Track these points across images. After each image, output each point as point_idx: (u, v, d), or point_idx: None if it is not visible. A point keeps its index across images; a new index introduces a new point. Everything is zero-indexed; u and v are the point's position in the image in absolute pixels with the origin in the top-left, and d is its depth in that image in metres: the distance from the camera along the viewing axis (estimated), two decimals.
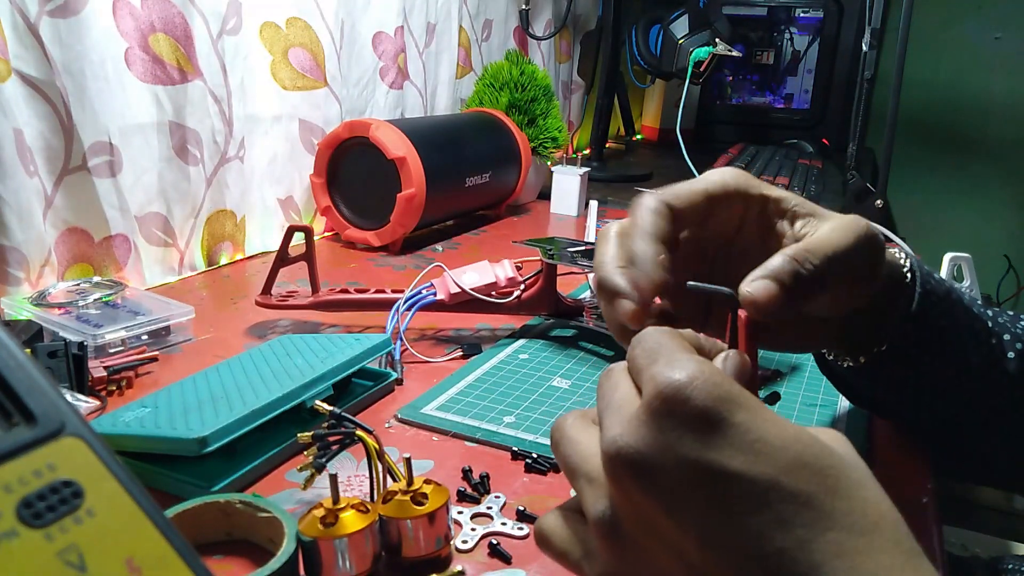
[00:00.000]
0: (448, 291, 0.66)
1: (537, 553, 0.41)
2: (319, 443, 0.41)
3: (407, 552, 0.39)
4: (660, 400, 0.27)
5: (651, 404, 0.27)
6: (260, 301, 0.69)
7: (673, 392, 0.26)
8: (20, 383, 0.25)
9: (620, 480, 0.27)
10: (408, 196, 0.94)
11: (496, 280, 0.67)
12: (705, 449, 0.26)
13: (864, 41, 1.22)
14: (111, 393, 0.57)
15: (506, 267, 0.68)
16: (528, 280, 0.69)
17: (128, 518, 0.24)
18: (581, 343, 0.69)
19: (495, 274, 0.67)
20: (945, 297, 0.46)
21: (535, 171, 1.25)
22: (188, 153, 0.85)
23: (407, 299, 0.66)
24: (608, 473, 0.28)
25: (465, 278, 0.67)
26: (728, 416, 0.26)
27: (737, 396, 0.27)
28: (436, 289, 0.67)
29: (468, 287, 0.66)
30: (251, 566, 0.39)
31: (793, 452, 0.26)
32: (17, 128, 0.68)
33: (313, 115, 1.02)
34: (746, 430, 0.26)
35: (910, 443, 0.55)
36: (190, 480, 0.45)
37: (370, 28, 1.10)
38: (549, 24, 1.56)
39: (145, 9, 0.78)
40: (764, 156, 1.55)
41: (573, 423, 0.32)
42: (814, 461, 0.26)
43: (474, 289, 0.66)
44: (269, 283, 0.69)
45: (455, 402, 0.57)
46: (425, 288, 0.67)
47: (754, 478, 0.25)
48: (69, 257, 0.77)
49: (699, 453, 0.26)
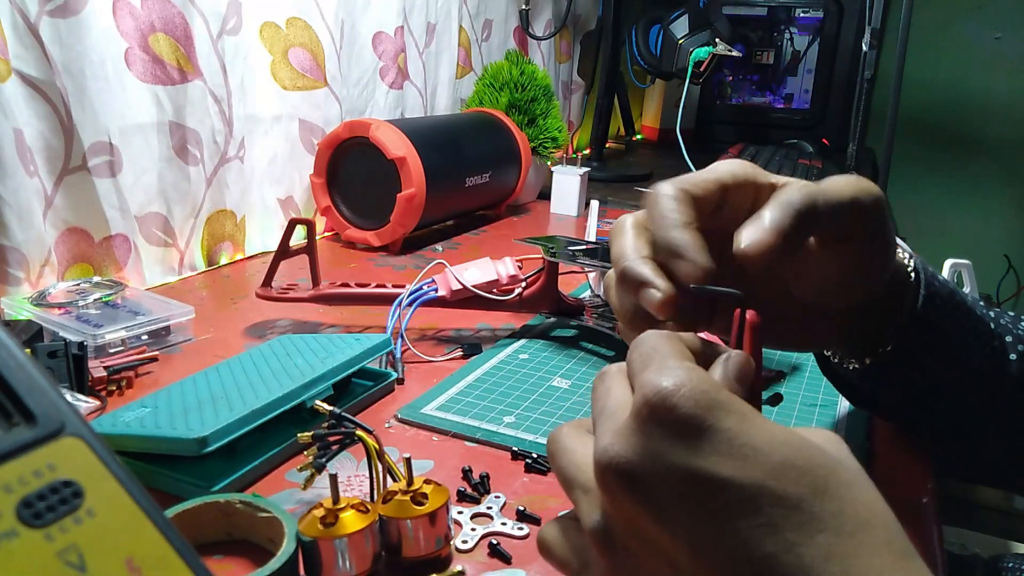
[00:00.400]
0: (449, 287, 0.66)
1: (537, 553, 0.41)
2: (319, 443, 0.41)
3: (407, 552, 0.39)
4: (648, 408, 0.26)
5: (639, 412, 0.27)
6: (260, 293, 0.69)
7: (660, 400, 0.26)
8: (20, 383, 0.25)
9: (611, 490, 0.27)
10: (408, 196, 0.94)
11: (498, 277, 0.67)
12: (692, 456, 0.26)
13: (864, 41, 1.22)
14: (111, 393, 0.57)
15: (508, 264, 0.68)
16: (530, 278, 0.69)
17: (128, 518, 0.24)
18: (582, 343, 0.69)
19: (497, 271, 0.67)
20: (949, 299, 0.46)
21: (535, 171, 1.25)
22: (188, 153, 0.85)
23: (409, 294, 0.66)
24: (600, 483, 0.28)
25: (467, 275, 0.67)
26: (715, 423, 0.26)
27: (725, 402, 0.26)
28: (438, 285, 0.67)
29: (470, 284, 0.66)
30: (251, 566, 0.39)
31: (781, 455, 0.26)
32: (17, 128, 0.68)
33: (313, 115, 1.02)
34: (733, 435, 0.26)
35: (910, 443, 0.55)
36: (190, 480, 0.45)
37: (370, 28, 1.10)
38: (549, 24, 1.56)
39: (145, 9, 0.78)
40: (764, 156, 1.55)
41: (568, 433, 0.31)
42: (803, 463, 0.26)
43: (476, 286, 0.66)
44: (270, 275, 0.69)
45: (455, 402, 0.57)
46: (427, 284, 0.67)
47: (742, 483, 0.25)
48: (69, 257, 0.77)
49: (686, 460, 0.26)
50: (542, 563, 0.40)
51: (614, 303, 0.39)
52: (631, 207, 1.27)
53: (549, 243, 0.71)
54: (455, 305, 0.67)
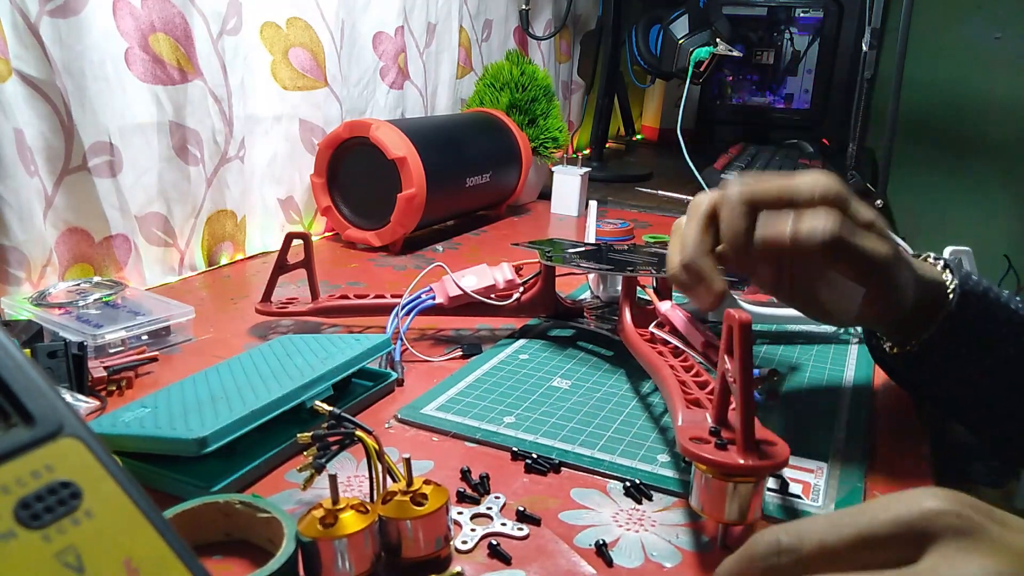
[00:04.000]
0: (447, 294, 0.66)
1: (537, 553, 0.41)
2: (319, 443, 0.41)
3: (407, 553, 0.39)
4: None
5: None
6: (260, 309, 0.70)
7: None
8: (18, 384, 0.25)
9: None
10: (408, 196, 0.94)
11: (495, 283, 0.67)
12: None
13: (864, 41, 1.22)
14: (111, 393, 0.57)
15: (504, 270, 0.68)
16: (527, 282, 0.69)
17: (126, 519, 0.24)
18: (580, 343, 0.69)
19: (494, 277, 0.68)
20: (983, 295, 0.51)
21: (535, 171, 1.25)
22: (188, 153, 0.85)
23: (405, 304, 0.66)
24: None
25: (464, 281, 0.67)
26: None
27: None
28: (435, 293, 0.67)
29: (467, 290, 0.66)
30: (250, 567, 0.39)
31: None
32: (17, 128, 0.68)
33: (313, 115, 1.02)
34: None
35: (910, 443, 0.55)
36: (190, 480, 0.45)
37: (370, 28, 1.10)
38: (549, 24, 1.56)
39: (145, 9, 0.78)
40: (764, 156, 1.55)
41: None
42: None
43: (473, 292, 0.66)
44: (269, 290, 0.70)
45: (455, 402, 0.57)
46: (424, 292, 0.67)
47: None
48: (69, 257, 0.77)
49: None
50: (542, 564, 0.40)
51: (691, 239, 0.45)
52: (631, 207, 1.27)
53: (547, 247, 0.71)
54: (453, 312, 0.67)
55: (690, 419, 0.43)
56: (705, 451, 0.39)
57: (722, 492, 0.39)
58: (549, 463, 0.49)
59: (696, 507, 0.41)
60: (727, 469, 0.38)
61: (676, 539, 0.43)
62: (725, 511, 0.39)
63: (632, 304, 0.62)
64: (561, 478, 0.48)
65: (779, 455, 0.39)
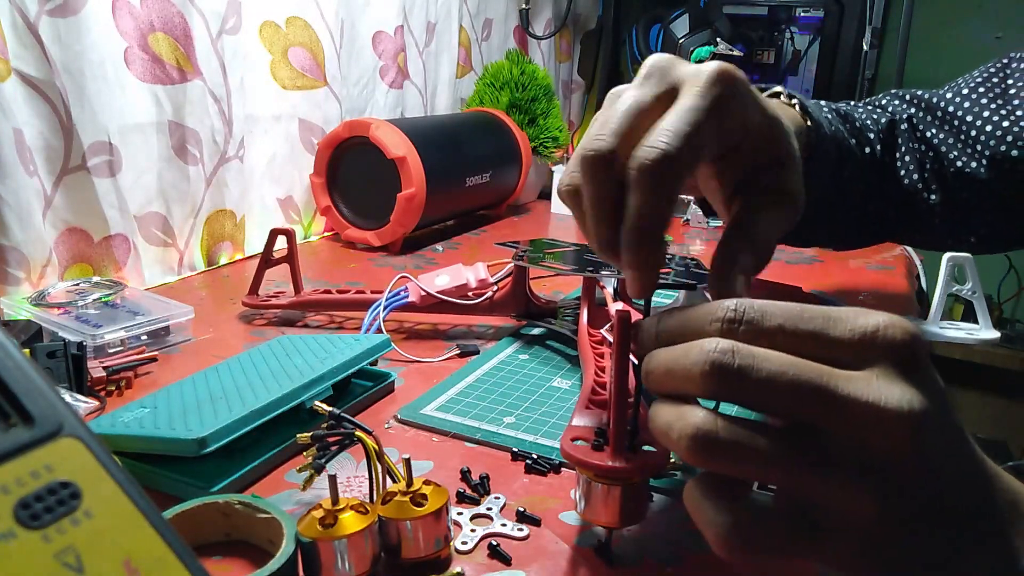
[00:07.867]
0: (419, 293, 0.69)
1: (537, 554, 0.41)
2: (318, 444, 0.41)
3: (406, 553, 0.39)
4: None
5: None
6: (247, 301, 0.74)
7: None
8: (18, 384, 0.25)
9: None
10: (408, 196, 0.94)
11: (467, 282, 0.69)
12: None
13: (864, 41, 1.22)
14: (110, 393, 0.57)
15: (478, 270, 0.70)
16: (500, 282, 0.70)
17: (126, 519, 0.24)
18: (548, 342, 0.70)
19: (466, 277, 0.69)
20: (829, 133, 0.58)
21: (536, 171, 1.25)
22: (188, 153, 0.85)
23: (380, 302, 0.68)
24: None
25: (438, 280, 0.70)
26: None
27: None
28: (409, 292, 0.69)
29: (438, 289, 0.68)
30: (250, 567, 0.39)
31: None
32: (17, 128, 0.68)
33: (313, 115, 1.02)
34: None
35: None
36: (189, 481, 0.45)
37: (370, 27, 1.10)
38: (549, 23, 1.56)
39: (144, 8, 0.78)
40: None
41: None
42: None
43: (445, 291, 0.68)
44: (255, 284, 0.74)
45: (455, 403, 0.57)
46: (403, 290, 0.70)
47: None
48: (68, 257, 0.77)
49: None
50: (542, 564, 0.40)
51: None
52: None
53: (529, 247, 0.71)
54: (426, 310, 0.69)
55: (588, 420, 0.41)
56: (579, 452, 0.37)
57: (596, 494, 0.38)
58: (549, 463, 0.49)
59: (577, 510, 0.40)
60: (597, 471, 0.37)
61: (676, 539, 0.43)
62: (601, 514, 0.38)
63: (591, 304, 0.62)
64: (561, 478, 0.48)
65: (655, 458, 0.37)
